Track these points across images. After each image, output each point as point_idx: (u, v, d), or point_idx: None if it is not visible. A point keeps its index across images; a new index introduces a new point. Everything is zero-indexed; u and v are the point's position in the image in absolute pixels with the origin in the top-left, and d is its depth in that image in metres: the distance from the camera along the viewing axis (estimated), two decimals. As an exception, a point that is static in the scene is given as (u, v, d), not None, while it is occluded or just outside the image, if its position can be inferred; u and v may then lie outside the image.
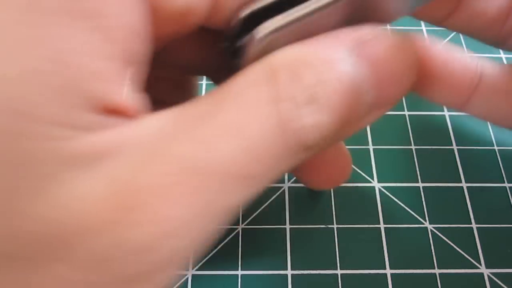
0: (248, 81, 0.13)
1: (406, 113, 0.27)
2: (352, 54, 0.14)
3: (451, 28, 0.18)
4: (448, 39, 0.30)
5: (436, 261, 0.22)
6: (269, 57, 0.13)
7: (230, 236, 0.23)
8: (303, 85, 0.13)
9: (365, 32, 0.14)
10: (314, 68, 0.13)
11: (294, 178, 0.24)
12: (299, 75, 0.13)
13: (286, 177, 0.24)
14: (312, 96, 0.13)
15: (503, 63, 0.28)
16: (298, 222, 0.23)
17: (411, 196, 0.24)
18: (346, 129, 0.14)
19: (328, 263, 0.22)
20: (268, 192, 0.24)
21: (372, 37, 0.14)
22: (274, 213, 0.23)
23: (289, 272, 0.21)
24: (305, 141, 0.13)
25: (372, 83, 0.14)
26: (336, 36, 0.14)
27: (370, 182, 0.24)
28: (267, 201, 0.23)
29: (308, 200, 0.24)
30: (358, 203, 0.23)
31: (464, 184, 0.24)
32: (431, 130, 0.26)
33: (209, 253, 0.22)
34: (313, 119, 0.13)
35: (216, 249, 0.22)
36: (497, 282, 0.21)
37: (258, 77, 0.13)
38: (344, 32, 0.14)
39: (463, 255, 0.22)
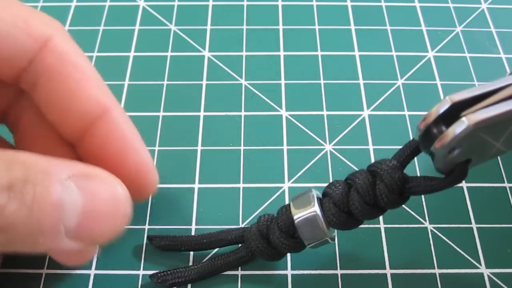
0: None
1: (406, 113, 0.27)
2: (74, 180, 0.16)
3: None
4: (448, 39, 0.30)
5: (436, 261, 0.22)
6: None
7: (230, 236, 0.22)
8: (10, 174, 0.15)
9: (95, 170, 0.17)
10: (29, 169, 0.15)
11: (294, 178, 0.24)
12: (11, 168, 0.15)
13: (286, 177, 0.24)
14: (13, 185, 0.14)
15: (503, 64, 0.28)
16: (298, 222, 0.23)
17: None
18: (37, 237, 0.15)
19: (328, 263, 0.22)
20: (268, 192, 0.24)
21: (100, 177, 0.17)
22: (274, 213, 0.23)
23: (289, 272, 0.21)
24: None
25: (81, 213, 0.16)
26: (69, 162, 0.16)
27: (370, 182, 0.24)
28: (267, 201, 0.23)
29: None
30: (358, 203, 0.23)
31: (464, 184, 0.24)
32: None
33: (209, 253, 0.22)
34: (1, 201, 0.14)
35: (216, 249, 0.22)
36: (497, 282, 0.21)
37: None
38: (75, 162, 0.17)
39: (463, 255, 0.22)
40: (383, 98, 0.27)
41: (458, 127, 0.15)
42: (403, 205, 0.23)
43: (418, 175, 0.19)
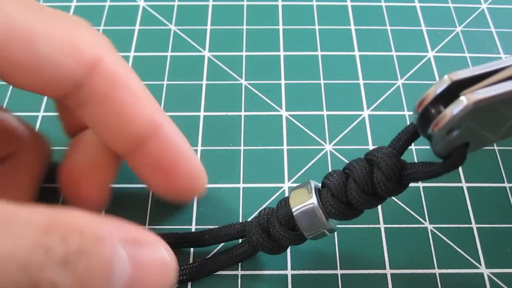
0: (35, 213, 0.14)
1: (406, 113, 0.27)
2: (125, 248, 0.15)
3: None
4: (448, 39, 0.30)
5: (436, 261, 0.22)
6: (59, 213, 0.15)
7: (230, 236, 0.22)
8: (67, 247, 0.14)
9: (145, 236, 0.16)
10: (84, 238, 0.14)
11: (294, 178, 0.24)
12: (68, 238, 0.14)
13: (286, 177, 0.24)
14: (68, 260, 0.14)
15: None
16: (298, 222, 0.23)
17: (411, 196, 0.24)
18: None
19: (328, 263, 0.22)
20: (268, 192, 0.24)
21: (150, 244, 0.16)
22: (274, 213, 0.23)
23: (289, 272, 0.21)
24: None
25: (128, 282, 0.15)
26: (121, 225, 0.16)
27: (370, 182, 0.24)
28: (267, 201, 0.23)
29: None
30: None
31: (464, 184, 0.24)
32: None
33: (212, 250, 0.22)
34: (57, 279, 0.14)
35: (216, 249, 0.22)
36: (497, 282, 0.21)
37: (41, 218, 0.14)
38: (126, 225, 0.16)
39: (463, 255, 0.22)
40: (383, 98, 0.27)
41: (457, 107, 0.15)
42: (403, 205, 0.23)
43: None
